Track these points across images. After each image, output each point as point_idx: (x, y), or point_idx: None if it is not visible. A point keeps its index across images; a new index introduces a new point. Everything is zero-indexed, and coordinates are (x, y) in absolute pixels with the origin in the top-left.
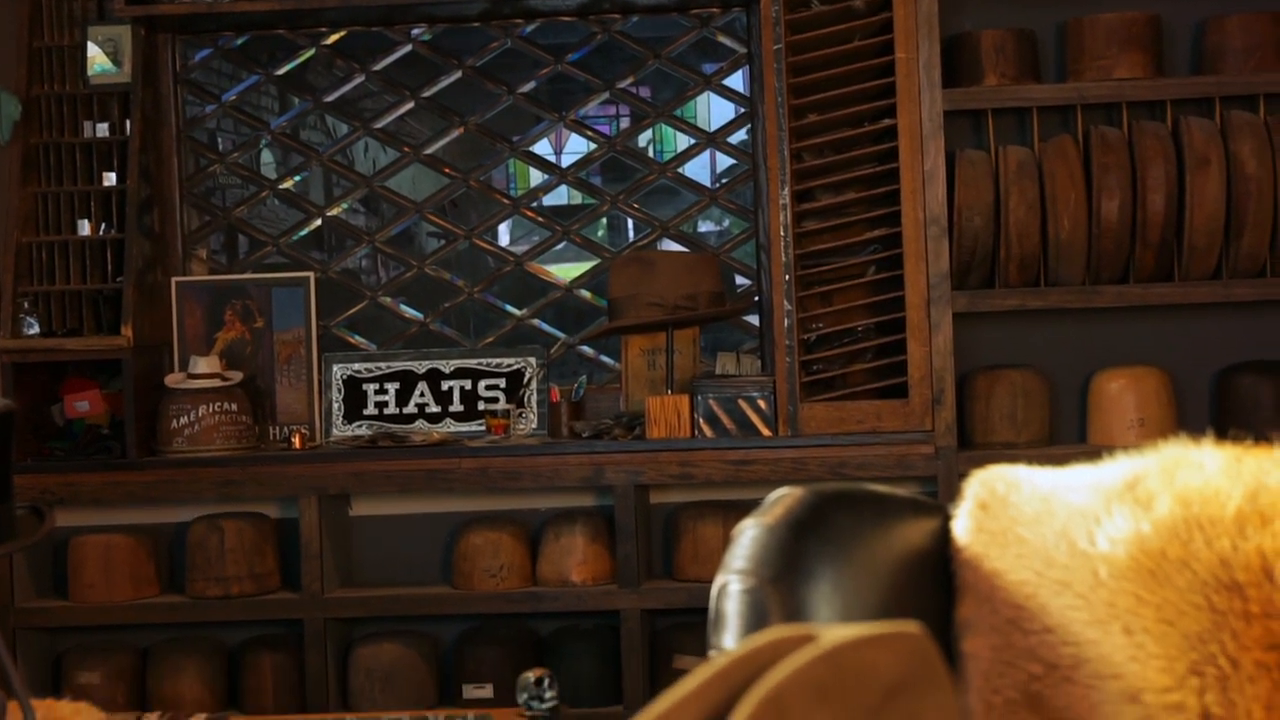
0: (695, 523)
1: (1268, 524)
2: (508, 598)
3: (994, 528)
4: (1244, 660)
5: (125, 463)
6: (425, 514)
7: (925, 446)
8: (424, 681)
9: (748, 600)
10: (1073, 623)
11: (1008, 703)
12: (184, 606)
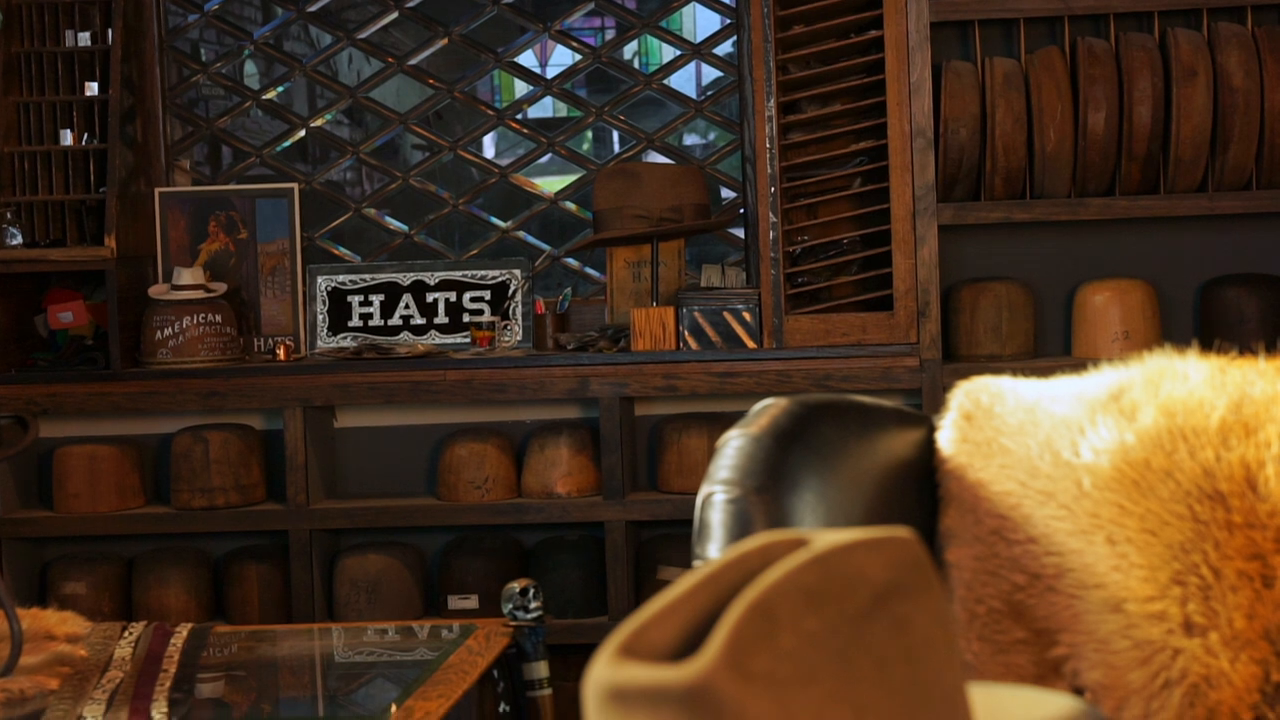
0: (680, 435)
1: (1251, 434)
2: (492, 509)
3: (978, 438)
4: (1226, 570)
5: (109, 374)
6: (410, 426)
7: (910, 359)
8: (409, 592)
9: (732, 510)
10: (1056, 533)
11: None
12: (169, 517)
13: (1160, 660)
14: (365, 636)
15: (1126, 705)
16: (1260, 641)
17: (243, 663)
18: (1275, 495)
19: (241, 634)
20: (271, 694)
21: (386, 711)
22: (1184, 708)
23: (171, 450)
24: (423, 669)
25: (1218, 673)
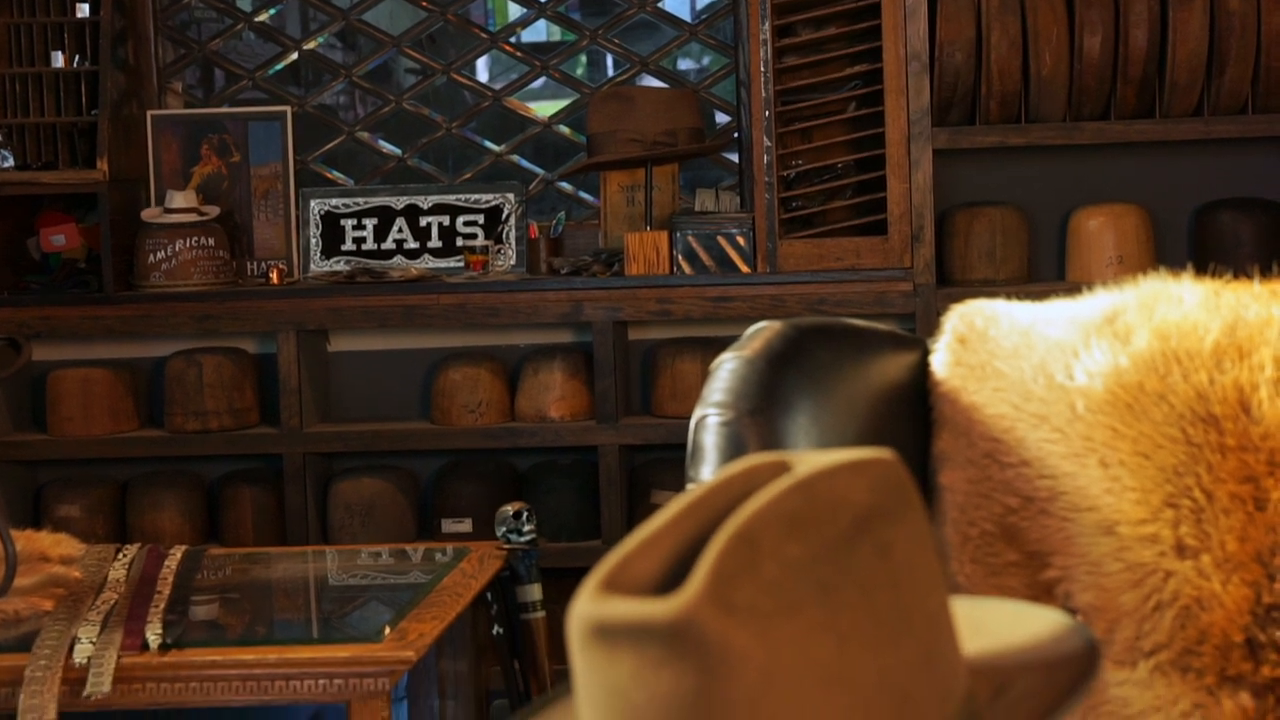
0: (673, 359)
1: (1245, 357)
2: (486, 433)
3: (972, 361)
4: (1219, 493)
5: (102, 297)
6: (403, 350)
7: (904, 283)
8: (403, 516)
9: (726, 433)
10: (1049, 456)
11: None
12: (163, 441)
13: (1152, 583)
14: (359, 559)
15: (1118, 627)
16: (1252, 564)
17: (237, 585)
18: (1269, 418)
19: (235, 556)
20: (266, 616)
21: (380, 633)
22: (1175, 629)
23: (165, 374)
24: (416, 592)
25: (1209, 595)
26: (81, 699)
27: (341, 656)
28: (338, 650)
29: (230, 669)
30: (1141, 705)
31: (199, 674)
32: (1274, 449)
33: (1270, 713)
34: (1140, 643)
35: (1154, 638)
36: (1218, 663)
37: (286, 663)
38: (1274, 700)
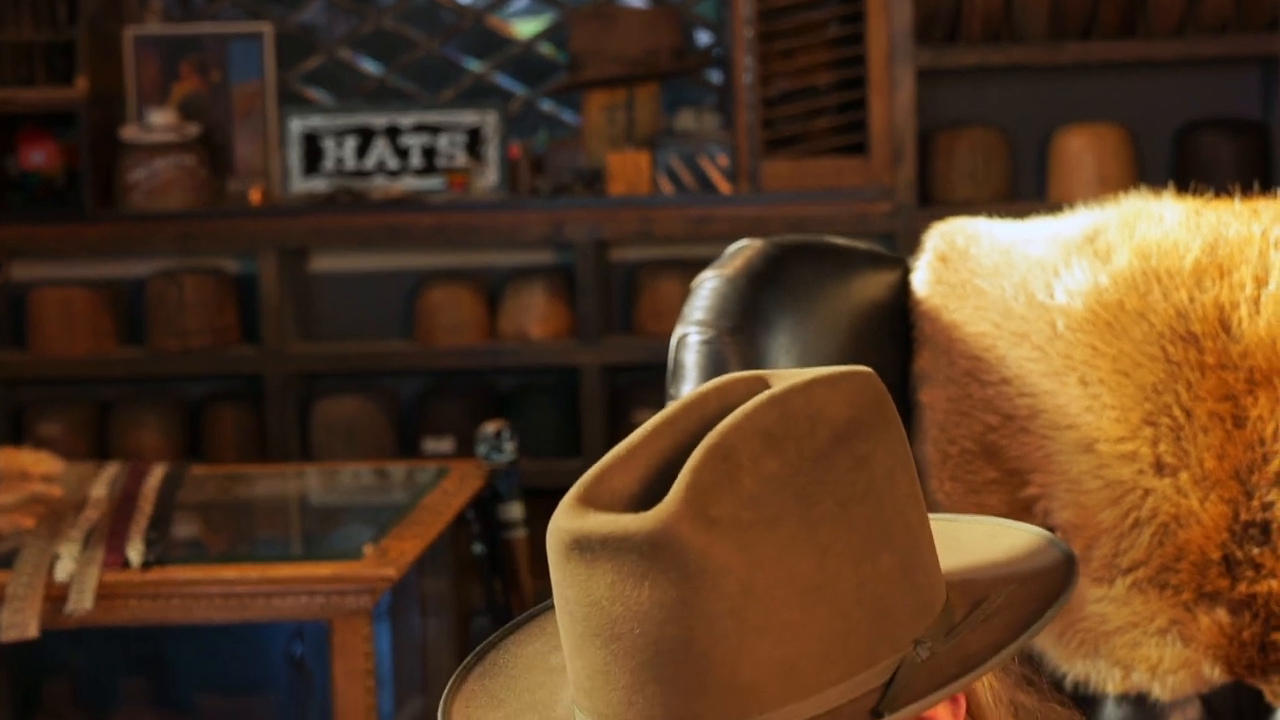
0: (655, 279)
1: (1225, 276)
2: (467, 353)
3: (953, 280)
4: (1197, 411)
5: (82, 216)
6: (384, 270)
7: (885, 203)
8: (384, 435)
9: (706, 351)
10: (1029, 374)
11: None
12: (144, 360)
13: (1130, 500)
14: (340, 478)
15: (1096, 544)
16: (1230, 481)
17: (219, 503)
18: (1248, 337)
19: (217, 475)
20: (247, 534)
21: (361, 551)
22: (1153, 546)
23: (145, 293)
24: (398, 510)
25: (1187, 512)
26: (63, 616)
27: (323, 574)
28: (319, 568)
29: (212, 586)
30: (1119, 621)
31: (180, 591)
32: (1253, 367)
33: (1246, 628)
34: (1118, 560)
35: (1132, 555)
36: (1195, 579)
37: (268, 580)
38: (1250, 616)
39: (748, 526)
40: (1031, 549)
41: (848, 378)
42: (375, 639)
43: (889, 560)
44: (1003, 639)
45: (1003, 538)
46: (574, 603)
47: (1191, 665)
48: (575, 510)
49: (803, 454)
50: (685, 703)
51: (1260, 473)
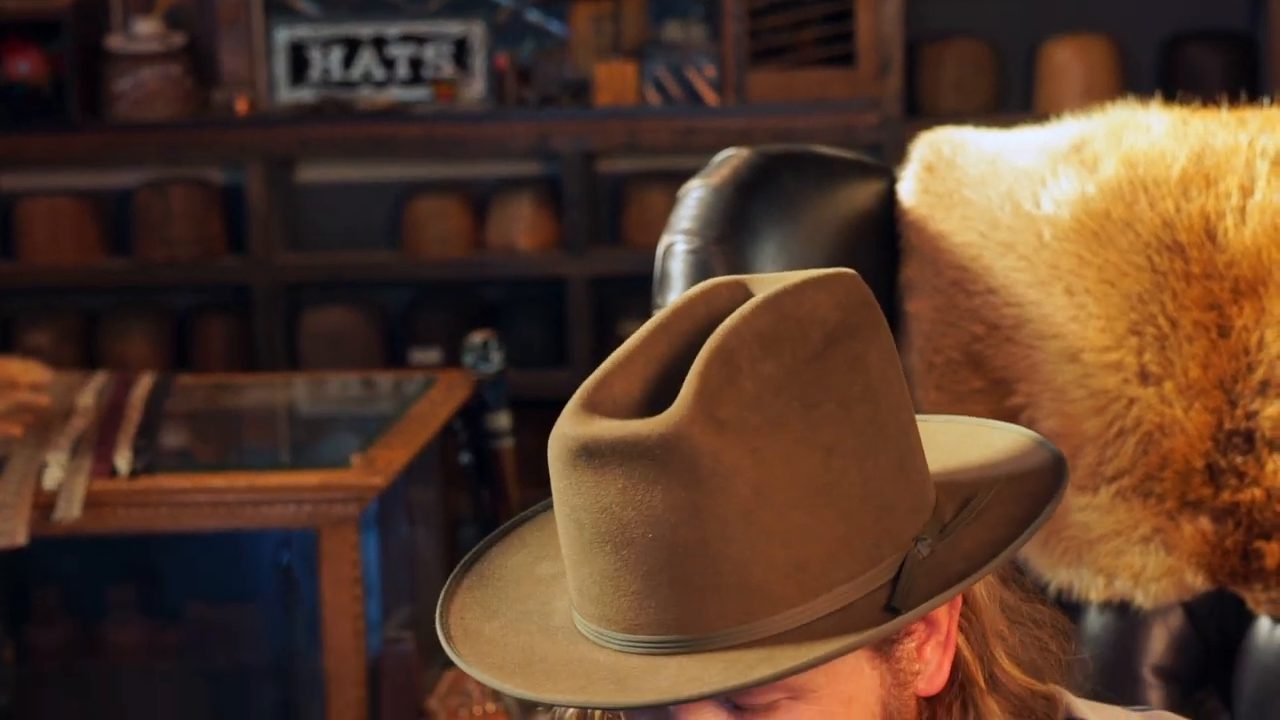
0: (641, 191)
1: (1212, 185)
2: (455, 264)
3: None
4: (1183, 320)
5: (68, 126)
6: (372, 181)
7: (872, 115)
8: (372, 346)
9: (692, 260)
10: (1015, 284)
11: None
12: (131, 270)
13: (1115, 409)
14: (328, 388)
15: (1081, 453)
16: (1214, 390)
17: (206, 413)
18: (1234, 246)
19: (205, 385)
20: (235, 443)
21: (349, 460)
22: (1137, 455)
23: (132, 204)
24: (385, 419)
25: (1171, 421)
26: (51, 524)
27: (311, 483)
28: (307, 476)
29: (199, 495)
30: (1102, 530)
31: (168, 500)
32: (1238, 277)
33: (1229, 537)
34: (1102, 468)
35: (1116, 463)
36: (1178, 488)
37: (256, 489)
38: (1233, 524)
39: (755, 429)
40: (1018, 449)
41: (835, 279)
42: (363, 547)
43: (887, 459)
44: (1000, 536)
45: (988, 438)
46: (582, 510)
47: (1174, 573)
48: (581, 417)
49: (798, 356)
50: (697, 605)
51: (1244, 382)
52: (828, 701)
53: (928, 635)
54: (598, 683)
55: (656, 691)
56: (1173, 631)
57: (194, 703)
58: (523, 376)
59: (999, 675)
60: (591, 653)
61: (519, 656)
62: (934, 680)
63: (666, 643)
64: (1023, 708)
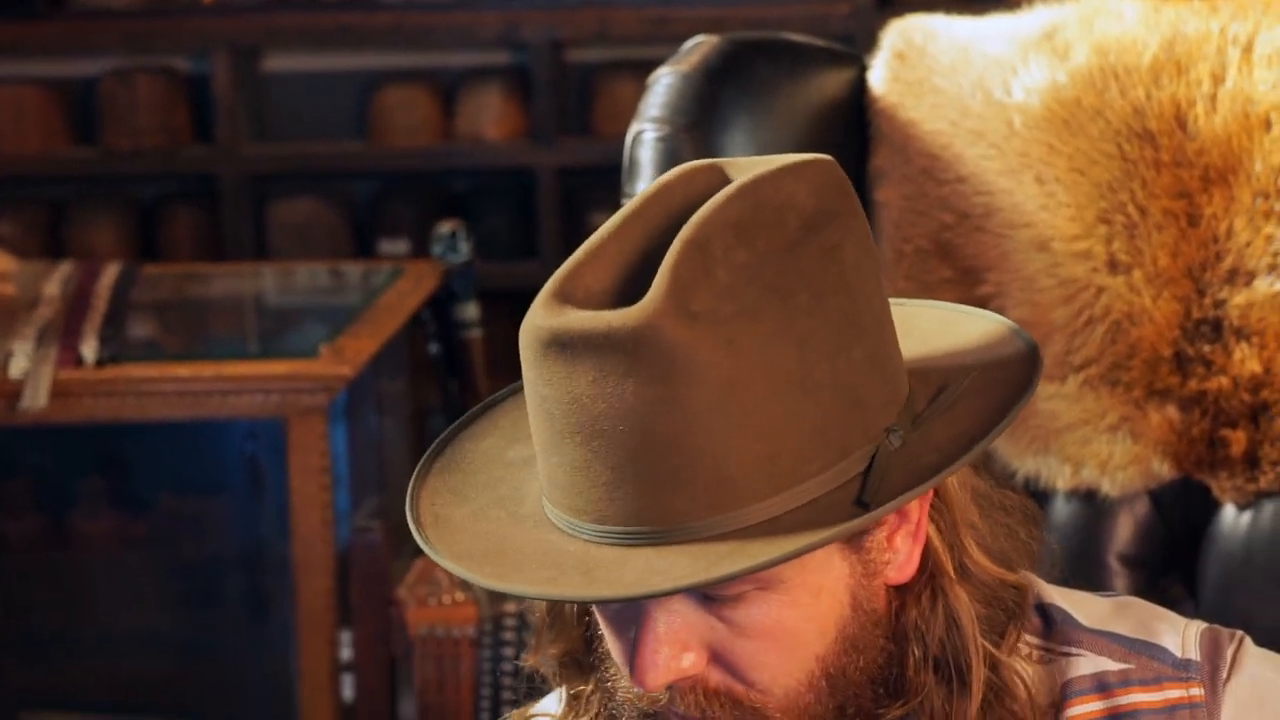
0: (611, 81)
1: (1183, 73)
2: (423, 154)
3: (910, 77)
4: (1152, 208)
5: (32, 13)
6: (339, 70)
7: (844, 3)
8: (340, 236)
9: (662, 148)
10: (985, 172)
11: (918, 251)
12: (97, 159)
13: (1084, 298)
14: (296, 278)
15: (1049, 341)
16: (1183, 279)
17: (173, 302)
18: (1204, 134)
19: (171, 274)
20: (202, 333)
21: (317, 350)
22: (1105, 344)
23: (97, 92)
24: (353, 309)
25: (1140, 309)
26: (18, 413)
27: (278, 373)
28: (275, 366)
29: (167, 384)
30: (1070, 418)
31: (136, 389)
32: (1208, 165)
33: (1195, 425)
34: (1070, 357)
35: (1084, 352)
36: (1146, 376)
37: (224, 378)
38: (1199, 413)
39: (729, 320)
40: (993, 337)
41: (812, 165)
42: (331, 437)
43: (861, 351)
44: (973, 429)
45: (962, 324)
46: (552, 401)
47: (1141, 461)
48: (552, 307)
49: (773, 245)
50: (668, 497)
51: (1213, 270)
52: (797, 592)
53: (898, 525)
54: (566, 573)
55: (624, 585)
56: (1139, 519)
57: (164, 593)
58: (491, 267)
59: (969, 565)
60: (561, 542)
61: (488, 544)
62: (904, 569)
63: (636, 534)
64: (992, 597)
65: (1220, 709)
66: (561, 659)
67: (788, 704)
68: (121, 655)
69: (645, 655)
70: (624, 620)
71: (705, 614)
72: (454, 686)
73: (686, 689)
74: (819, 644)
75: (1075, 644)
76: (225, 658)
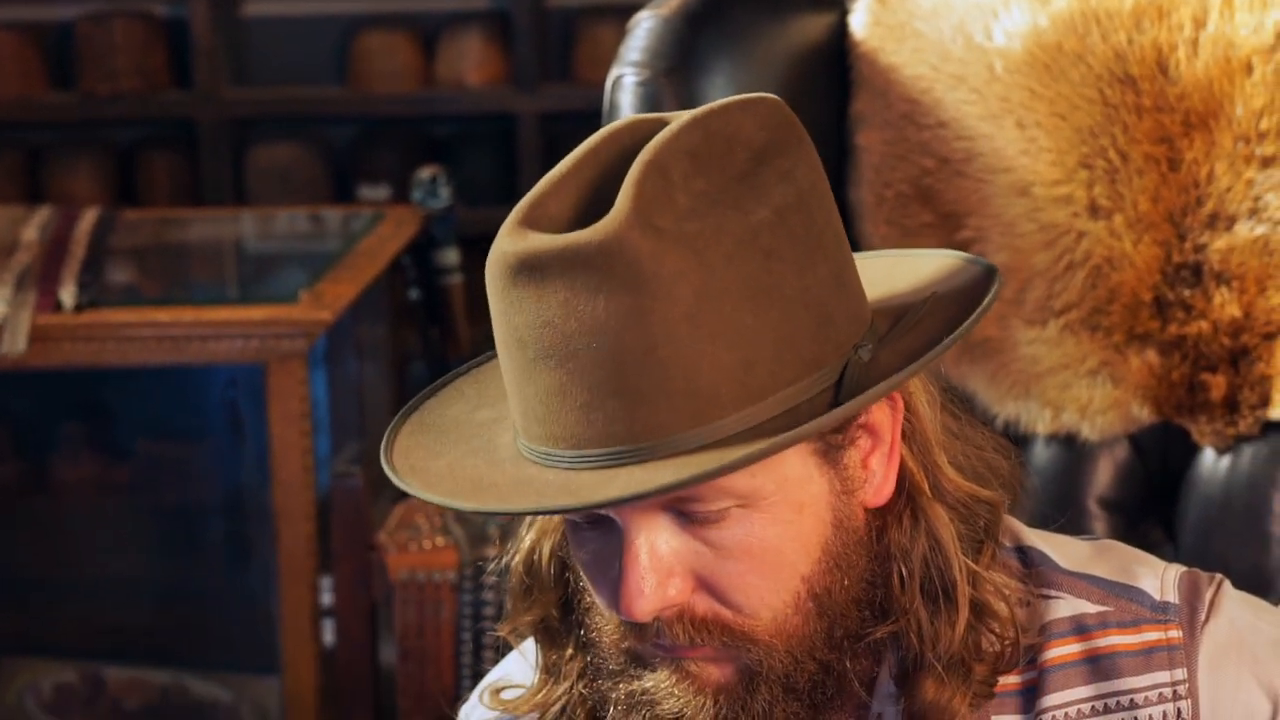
0: (593, 26)
1: (1164, 17)
2: (404, 100)
3: (891, 22)
4: (1133, 153)
5: None
6: (319, 14)
7: None
8: (319, 182)
9: (642, 93)
10: (966, 117)
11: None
12: (74, 104)
13: (1065, 243)
14: (275, 223)
15: (1030, 287)
16: (1163, 224)
17: (152, 247)
18: (1185, 79)
19: (150, 219)
20: (182, 278)
21: (296, 295)
22: (1086, 289)
23: (74, 36)
24: (333, 255)
25: (1120, 254)
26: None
27: (258, 318)
28: (254, 311)
29: (145, 329)
30: (1050, 363)
31: (115, 334)
32: (1189, 109)
33: (1175, 369)
34: (1051, 302)
35: (1065, 297)
36: (1126, 321)
37: (203, 323)
38: (1179, 357)
39: (694, 235)
40: (949, 270)
41: (759, 102)
42: (311, 383)
43: (825, 269)
44: (938, 336)
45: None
46: (524, 327)
47: (1121, 406)
48: (518, 234)
49: (727, 174)
50: (645, 413)
51: (1193, 215)
52: (780, 509)
53: (872, 447)
54: (550, 497)
55: (607, 496)
56: (1118, 463)
57: (144, 539)
58: (472, 213)
59: (943, 483)
60: (541, 474)
61: (469, 485)
62: (881, 491)
63: (616, 454)
64: (967, 514)
65: (1198, 651)
66: (537, 626)
67: (776, 628)
68: (102, 601)
69: (631, 584)
70: (606, 558)
71: (689, 539)
72: (434, 631)
73: (674, 618)
74: (804, 564)
75: (1054, 586)
76: (206, 603)
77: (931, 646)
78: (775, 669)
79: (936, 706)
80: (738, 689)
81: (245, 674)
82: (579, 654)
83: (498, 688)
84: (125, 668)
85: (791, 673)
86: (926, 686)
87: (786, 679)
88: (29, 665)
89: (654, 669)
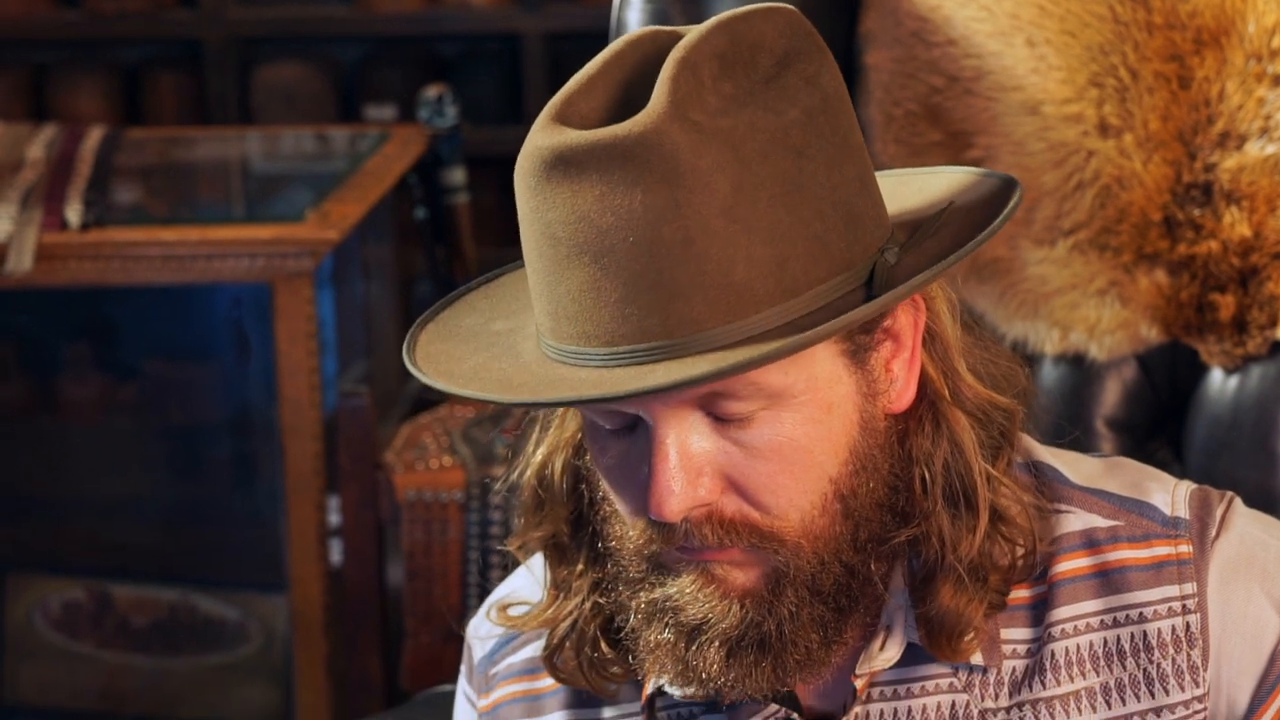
0: None
1: None
2: (410, 19)
3: None
4: (1144, 71)
5: None
6: None
7: None
8: (325, 101)
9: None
10: (975, 34)
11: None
12: (80, 22)
13: (1074, 162)
14: (281, 143)
15: (1039, 206)
16: (1173, 143)
17: (158, 166)
18: None
19: (156, 138)
20: (188, 197)
21: (303, 214)
22: (1095, 208)
23: None
24: (339, 174)
25: (1130, 173)
26: (2, 276)
27: (264, 237)
28: (260, 230)
29: (151, 248)
30: (1059, 283)
31: (120, 253)
32: (1200, 26)
33: (1184, 289)
34: (1060, 221)
35: (1074, 216)
36: (1135, 240)
37: (209, 242)
38: (1188, 277)
39: (730, 130)
40: (967, 184)
41: (778, 11)
42: (317, 302)
43: (852, 170)
44: (962, 240)
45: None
46: (557, 224)
47: (1129, 326)
48: (552, 129)
49: (753, 78)
50: (680, 307)
51: (1204, 134)
52: (809, 409)
53: (895, 352)
54: (586, 390)
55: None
56: (1126, 383)
57: (151, 458)
58: (478, 133)
59: (962, 389)
60: (573, 372)
61: (497, 384)
62: (903, 396)
63: (651, 349)
64: (985, 421)
65: (1208, 566)
66: (547, 542)
67: (803, 528)
68: (108, 520)
69: (661, 484)
70: (633, 461)
71: (719, 439)
72: (441, 551)
73: (703, 519)
74: (832, 464)
75: (1065, 500)
76: (213, 523)
77: (953, 549)
78: (802, 570)
79: (953, 612)
80: (764, 592)
81: (253, 592)
82: (589, 570)
83: (505, 604)
84: (133, 586)
85: (818, 574)
86: (944, 592)
87: (813, 580)
88: (37, 583)
89: (678, 574)
